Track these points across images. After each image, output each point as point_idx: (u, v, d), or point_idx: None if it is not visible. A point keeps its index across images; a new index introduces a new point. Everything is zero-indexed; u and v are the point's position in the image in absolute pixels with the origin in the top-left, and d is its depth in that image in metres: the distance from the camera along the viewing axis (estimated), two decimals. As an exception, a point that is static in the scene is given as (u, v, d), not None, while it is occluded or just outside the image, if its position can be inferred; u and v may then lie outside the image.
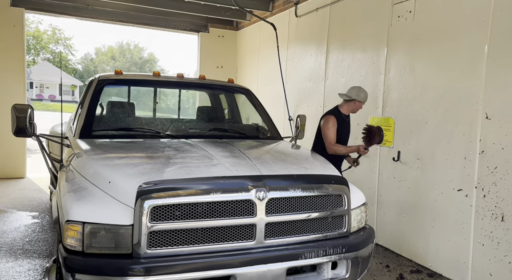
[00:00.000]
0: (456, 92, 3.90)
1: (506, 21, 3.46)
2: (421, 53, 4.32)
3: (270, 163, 2.75)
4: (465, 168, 3.81)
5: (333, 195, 2.64)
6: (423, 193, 4.28)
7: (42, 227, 5.05)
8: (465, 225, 3.80)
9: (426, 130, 4.24)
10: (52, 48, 51.96)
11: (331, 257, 2.57)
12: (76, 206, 2.27)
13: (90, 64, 56.88)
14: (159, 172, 2.43)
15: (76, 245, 2.20)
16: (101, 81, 3.76)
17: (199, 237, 2.29)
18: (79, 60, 57.35)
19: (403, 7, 4.57)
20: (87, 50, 73.07)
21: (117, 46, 59.26)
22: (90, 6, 7.87)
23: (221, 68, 8.90)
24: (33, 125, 3.23)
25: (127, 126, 3.62)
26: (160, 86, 4.29)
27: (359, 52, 5.25)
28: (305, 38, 6.51)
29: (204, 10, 7.97)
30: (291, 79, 6.84)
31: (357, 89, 4.22)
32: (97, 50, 59.57)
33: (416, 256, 4.37)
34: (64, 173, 2.90)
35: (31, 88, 44.68)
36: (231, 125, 4.27)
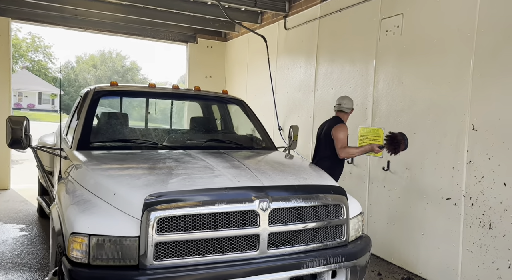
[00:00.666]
0: (444, 104, 4.06)
1: (489, 37, 3.65)
2: (409, 66, 4.48)
3: (270, 173, 2.81)
4: (453, 177, 3.95)
5: (332, 205, 2.71)
6: (413, 202, 4.40)
7: (31, 239, 4.95)
8: (454, 233, 3.92)
9: (415, 141, 4.38)
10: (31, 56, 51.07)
11: (331, 266, 2.63)
12: (81, 218, 2.27)
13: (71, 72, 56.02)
14: (163, 183, 2.45)
15: (82, 257, 2.20)
16: (97, 92, 3.76)
17: (204, 248, 2.32)
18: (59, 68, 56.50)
19: (391, 22, 4.74)
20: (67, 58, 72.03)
21: (98, 55, 58.68)
22: (78, 16, 7.84)
23: (209, 78, 8.96)
24: (28, 137, 3.21)
25: (124, 137, 3.63)
26: (155, 97, 4.31)
27: (348, 64, 5.40)
28: (295, 50, 6.64)
29: (193, 21, 8.04)
30: (281, 90, 6.95)
31: (350, 99, 4.44)
32: (78, 58, 58.79)
33: (407, 264, 4.47)
34: (63, 185, 2.88)
35: (9, 96, 43.63)
36: (228, 136, 4.32)
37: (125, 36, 8.80)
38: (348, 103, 4.46)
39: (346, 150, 4.22)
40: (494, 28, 3.60)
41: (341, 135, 4.24)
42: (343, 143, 4.23)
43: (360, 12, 5.20)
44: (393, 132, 4.09)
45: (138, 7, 7.26)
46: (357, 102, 5.22)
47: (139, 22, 8.14)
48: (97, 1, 7.13)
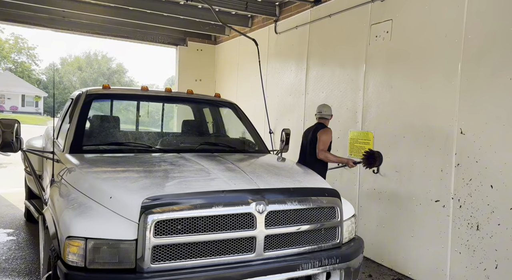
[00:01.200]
0: (432, 108, 4.15)
1: (476, 44, 3.75)
2: (399, 71, 4.57)
3: (265, 176, 2.83)
4: (442, 180, 4.04)
5: (327, 207, 2.75)
6: (402, 204, 4.48)
7: (18, 244, 4.87)
8: (443, 234, 4.01)
9: (404, 144, 4.47)
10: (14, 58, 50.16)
11: (326, 268, 2.66)
12: (78, 221, 2.26)
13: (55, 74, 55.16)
14: (160, 186, 2.45)
15: (78, 261, 2.18)
16: (89, 95, 3.73)
17: (201, 251, 2.32)
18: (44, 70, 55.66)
19: (380, 27, 4.83)
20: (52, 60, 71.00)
21: (84, 57, 57.98)
22: (66, 18, 7.76)
23: (199, 81, 8.95)
24: (19, 140, 3.17)
25: (117, 140, 3.61)
26: (148, 100, 4.30)
27: (339, 68, 5.47)
28: (285, 54, 6.70)
29: (183, 24, 8.03)
30: (272, 94, 7.00)
31: (329, 107, 4.87)
32: (63, 60, 57.97)
33: (397, 265, 4.54)
34: (56, 188, 2.85)
35: (-8, 98, 42.82)
36: (221, 139, 4.33)
37: (114, 38, 8.74)
38: (328, 110, 4.85)
39: (325, 153, 4.57)
40: (481, 35, 3.71)
41: (325, 137, 4.61)
42: (325, 145, 4.59)
43: (350, 17, 5.29)
44: (372, 150, 4.53)
45: (127, 9, 7.23)
46: (347, 106, 5.30)
47: (129, 25, 8.10)
48: (85, 3, 7.07)
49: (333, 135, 4.79)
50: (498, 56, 3.56)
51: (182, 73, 8.99)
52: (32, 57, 51.98)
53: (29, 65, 52.03)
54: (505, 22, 3.52)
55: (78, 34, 8.49)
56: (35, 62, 52.88)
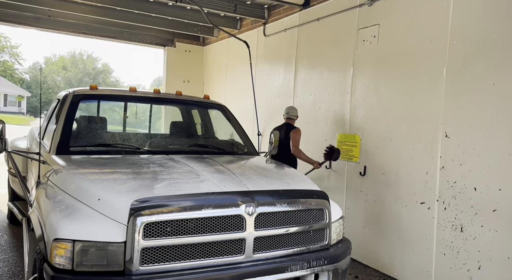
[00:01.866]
0: (418, 112, 4.23)
1: (460, 49, 3.84)
2: (385, 75, 4.64)
3: (255, 178, 2.84)
4: (427, 182, 4.11)
5: (315, 209, 2.77)
6: (388, 206, 4.54)
7: (1, 247, 4.77)
8: (428, 236, 4.08)
9: (390, 147, 4.53)
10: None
11: (314, 269, 2.68)
12: (65, 223, 2.23)
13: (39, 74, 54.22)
14: (149, 188, 2.44)
15: (65, 263, 2.15)
16: (76, 95, 3.69)
17: (190, 253, 2.32)
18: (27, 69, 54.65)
19: (367, 32, 4.90)
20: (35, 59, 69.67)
21: (69, 56, 57.14)
22: (52, 17, 7.64)
23: (187, 82, 8.92)
24: (4, 141, 3.12)
25: (104, 141, 3.57)
26: (137, 101, 4.27)
27: (327, 72, 5.53)
28: (274, 57, 6.73)
29: (171, 25, 8.00)
30: (260, 95, 7.01)
31: (295, 109, 5.51)
32: (47, 60, 57.01)
33: (383, 266, 4.60)
34: (42, 190, 2.81)
35: (-28, 98, 41.85)
36: (210, 141, 4.32)
37: (101, 38, 8.65)
38: (295, 111, 5.50)
39: (298, 151, 5.18)
40: (465, 40, 3.80)
41: (298, 136, 5.25)
42: (297, 143, 5.22)
43: (338, 21, 5.35)
44: (332, 146, 5.04)
45: (115, 9, 7.17)
46: (335, 108, 5.36)
47: (116, 25, 8.03)
48: (73, 3, 6.99)
49: (320, 137, 4.93)
50: (482, 61, 3.65)
51: (170, 74, 8.94)
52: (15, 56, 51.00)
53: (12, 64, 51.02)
54: (489, 28, 3.61)
55: (64, 33, 8.37)
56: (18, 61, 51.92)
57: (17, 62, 51.76)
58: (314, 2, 5.80)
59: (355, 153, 5.01)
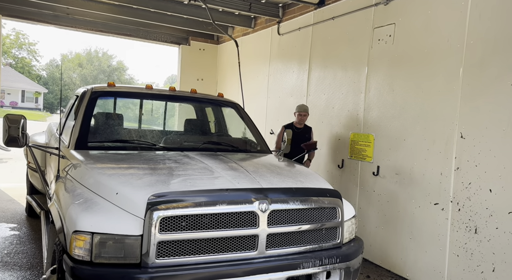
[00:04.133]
0: (433, 112, 4.20)
1: (478, 49, 3.80)
2: (400, 75, 4.61)
3: (268, 176, 2.87)
4: (441, 183, 4.08)
5: (328, 208, 2.79)
6: (402, 207, 4.52)
7: (20, 239, 4.90)
8: (441, 237, 4.05)
9: (404, 147, 4.51)
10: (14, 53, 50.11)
11: (326, 267, 2.70)
12: (84, 216, 2.30)
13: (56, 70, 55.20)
14: (165, 184, 2.49)
15: (84, 255, 2.22)
16: (94, 92, 3.77)
17: (205, 247, 2.36)
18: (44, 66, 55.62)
19: (383, 31, 4.88)
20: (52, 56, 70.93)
21: (84, 53, 57.96)
22: (70, 15, 7.79)
23: (201, 80, 9.00)
24: (25, 135, 3.20)
25: (121, 138, 3.65)
26: (153, 98, 4.34)
27: (341, 71, 5.52)
28: (288, 55, 6.74)
29: (186, 24, 8.07)
30: (273, 94, 7.04)
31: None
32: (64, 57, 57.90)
33: (395, 267, 4.58)
34: (62, 184, 2.89)
35: (-9, 93, 42.79)
36: (223, 139, 4.37)
37: (117, 36, 8.78)
38: None
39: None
40: (483, 40, 3.76)
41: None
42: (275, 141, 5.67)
43: (353, 20, 5.34)
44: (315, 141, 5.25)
45: (131, 8, 7.26)
46: (348, 108, 5.35)
47: (132, 23, 8.14)
48: (90, 1, 7.11)
49: (333, 137, 4.98)
50: (500, 61, 3.60)
51: (184, 72, 9.03)
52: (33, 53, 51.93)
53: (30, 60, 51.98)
54: (507, 28, 3.57)
55: (82, 31, 8.52)
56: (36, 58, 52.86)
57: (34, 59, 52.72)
58: (329, 1, 5.79)
59: (369, 153, 4.99)
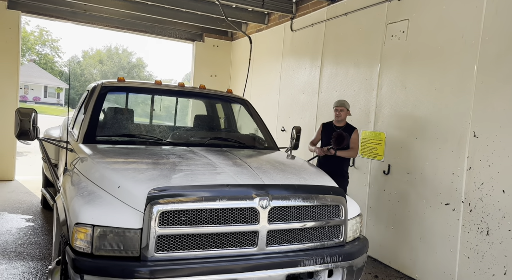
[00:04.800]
0: (446, 110, 4.10)
1: (493, 46, 3.68)
2: (413, 72, 4.52)
3: (271, 172, 2.86)
4: (452, 183, 3.98)
5: (331, 205, 2.76)
6: (412, 206, 4.44)
7: (34, 230, 5.03)
8: (452, 238, 3.96)
9: (416, 146, 4.42)
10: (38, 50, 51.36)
11: (328, 265, 2.67)
12: (86, 209, 2.33)
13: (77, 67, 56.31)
14: (167, 178, 2.51)
15: (85, 247, 2.25)
16: (104, 87, 3.82)
17: (204, 242, 2.37)
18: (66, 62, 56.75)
19: (396, 27, 4.78)
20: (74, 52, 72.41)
21: (105, 50, 58.92)
22: (87, 11, 7.92)
23: (215, 77, 9.02)
24: (36, 129, 3.27)
25: (129, 132, 3.69)
26: (161, 94, 4.37)
27: (353, 67, 5.44)
28: (300, 52, 6.69)
29: (200, 20, 8.10)
30: (285, 91, 7.00)
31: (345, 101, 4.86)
32: (85, 53, 59.03)
33: (404, 267, 4.51)
34: (68, 177, 2.94)
35: (16, 89, 43.95)
36: (230, 135, 4.37)
37: (133, 32, 8.88)
38: None
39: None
40: (499, 37, 3.64)
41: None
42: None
43: (366, 16, 5.25)
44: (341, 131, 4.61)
45: (146, 4, 7.33)
46: (360, 105, 5.27)
47: (147, 19, 8.21)
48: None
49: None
50: (515, 58, 3.48)
51: (198, 69, 9.07)
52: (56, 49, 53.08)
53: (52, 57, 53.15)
54: (524, 24, 3.44)
55: (99, 27, 8.66)
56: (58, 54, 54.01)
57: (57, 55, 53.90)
58: (343, -3, 5.71)
59: (380, 151, 4.92)
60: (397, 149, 4.67)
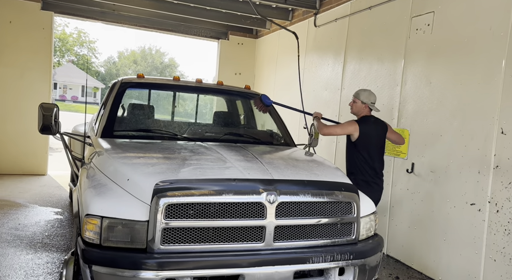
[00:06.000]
0: (472, 106, 3.91)
1: (524, 37, 3.47)
2: (438, 66, 4.34)
3: (282, 168, 2.82)
4: (478, 182, 3.80)
5: (342, 202, 2.69)
6: (436, 206, 4.27)
7: (61, 222, 5.23)
8: (477, 239, 3.78)
9: (440, 143, 4.25)
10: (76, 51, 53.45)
11: (339, 263, 2.61)
12: (96, 201, 2.39)
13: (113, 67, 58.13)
14: (174, 172, 2.53)
15: (94, 238, 2.31)
16: (123, 83, 3.91)
17: (210, 236, 2.37)
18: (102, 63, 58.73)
19: (421, 20, 4.60)
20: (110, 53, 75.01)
21: (139, 51, 60.46)
22: (116, 11, 8.14)
23: (239, 74, 9.04)
24: (58, 124, 3.38)
25: (146, 127, 3.76)
26: (179, 90, 4.43)
27: (377, 63, 5.30)
28: (323, 48, 6.59)
29: (225, 18, 8.15)
30: (308, 88, 6.92)
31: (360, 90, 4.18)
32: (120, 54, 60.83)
33: (427, 269, 4.34)
34: (85, 170, 3.03)
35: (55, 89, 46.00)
36: (246, 130, 4.36)
37: (160, 31, 9.04)
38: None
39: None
40: (529, 27, 3.43)
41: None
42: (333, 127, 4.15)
43: (390, 9, 5.09)
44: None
45: (172, 3, 7.45)
46: (383, 102, 5.12)
47: (173, 18, 8.34)
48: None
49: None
50: (547, 50, 3.27)
51: (222, 66, 9.13)
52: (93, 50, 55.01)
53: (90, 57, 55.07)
54: (557, 13, 3.22)
55: (127, 27, 8.88)
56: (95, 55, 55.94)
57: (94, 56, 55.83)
58: (367, -10, 5.56)
59: (403, 149, 4.76)
60: (421, 146, 4.50)
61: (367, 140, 3.94)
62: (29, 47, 7.63)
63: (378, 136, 4.04)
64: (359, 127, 3.93)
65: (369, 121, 4.04)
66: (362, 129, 3.93)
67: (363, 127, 3.94)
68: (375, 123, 4.06)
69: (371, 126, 4.01)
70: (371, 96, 4.09)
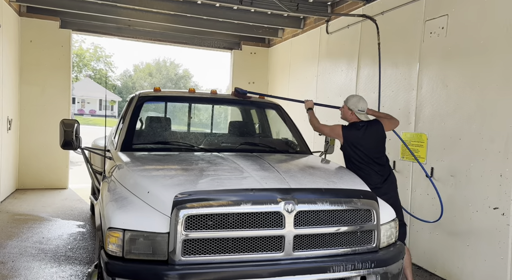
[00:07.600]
0: (491, 108, 3.85)
1: (542, 37, 3.41)
2: (454, 69, 4.29)
3: (299, 176, 2.83)
4: (501, 185, 3.72)
5: (361, 210, 2.67)
6: (458, 211, 4.19)
7: (83, 235, 5.32)
8: (502, 244, 3.68)
9: (460, 147, 4.18)
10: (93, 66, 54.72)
11: (360, 272, 2.59)
12: (118, 214, 2.44)
13: (129, 80, 59.21)
14: (193, 183, 2.57)
15: (117, 251, 2.35)
16: (141, 97, 3.99)
17: (230, 247, 2.39)
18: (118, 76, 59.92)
19: (435, 23, 4.57)
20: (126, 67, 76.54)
21: (154, 63, 61.48)
22: (131, 26, 8.33)
23: (252, 83, 9.10)
24: (78, 139, 3.48)
25: (164, 140, 3.82)
26: (195, 102, 4.49)
27: (391, 67, 5.27)
28: (336, 54, 6.59)
29: (237, 29, 8.24)
30: (322, 94, 6.91)
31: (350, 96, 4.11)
32: (135, 67, 61.97)
33: (451, 275, 4.25)
34: (106, 184, 3.10)
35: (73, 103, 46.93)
36: (262, 140, 4.39)
37: (174, 44, 9.20)
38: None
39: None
40: (546, 27, 3.37)
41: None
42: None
43: (403, 14, 5.07)
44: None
45: (185, 16, 7.58)
46: (399, 106, 5.08)
47: (187, 31, 8.48)
48: (148, 12, 7.55)
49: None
50: None
51: (236, 76, 9.21)
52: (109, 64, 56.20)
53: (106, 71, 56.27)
54: None
55: (142, 41, 9.07)
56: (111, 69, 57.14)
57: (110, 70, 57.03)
58: (378, -4, 5.56)
59: (421, 154, 4.70)
60: (439, 150, 4.44)
61: (354, 148, 3.76)
62: (49, 64, 7.86)
63: (371, 141, 3.81)
64: (343, 134, 3.79)
65: (356, 127, 3.85)
66: (346, 136, 3.78)
67: (348, 134, 3.79)
68: (366, 128, 3.83)
69: (359, 131, 3.80)
70: (360, 103, 3.92)
